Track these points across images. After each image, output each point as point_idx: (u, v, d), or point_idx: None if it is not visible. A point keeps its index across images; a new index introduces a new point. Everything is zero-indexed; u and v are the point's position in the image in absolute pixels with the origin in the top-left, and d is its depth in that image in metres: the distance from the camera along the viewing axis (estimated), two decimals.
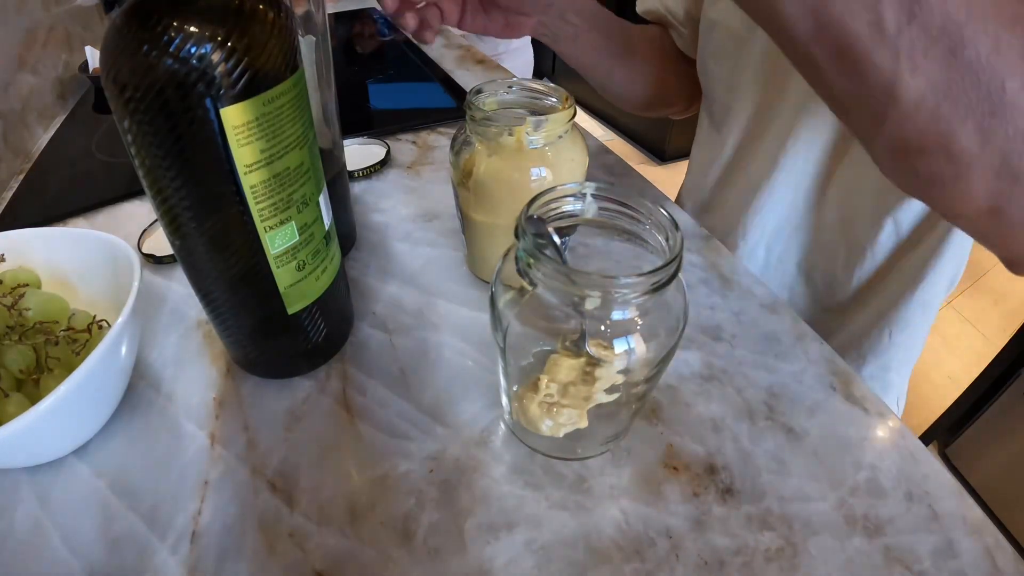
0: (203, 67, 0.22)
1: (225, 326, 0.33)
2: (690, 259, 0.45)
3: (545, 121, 0.34)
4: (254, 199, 0.27)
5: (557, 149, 0.35)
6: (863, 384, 0.36)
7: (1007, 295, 1.81)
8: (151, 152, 0.25)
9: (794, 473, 0.31)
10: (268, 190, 0.27)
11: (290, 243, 0.30)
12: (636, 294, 0.24)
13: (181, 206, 0.27)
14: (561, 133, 0.35)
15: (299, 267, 0.31)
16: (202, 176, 0.26)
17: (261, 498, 0.30)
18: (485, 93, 0.37)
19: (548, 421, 0.29)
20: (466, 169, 0.36)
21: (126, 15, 0.22)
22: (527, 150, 0.35)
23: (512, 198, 0.35)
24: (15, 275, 0.35)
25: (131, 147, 0.25)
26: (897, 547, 0.28)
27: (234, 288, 0.31)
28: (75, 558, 0.28)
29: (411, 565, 0.27)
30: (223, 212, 0.27)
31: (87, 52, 0.75)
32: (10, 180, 0.57)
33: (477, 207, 0.38)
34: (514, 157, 0.35)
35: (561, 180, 0.35)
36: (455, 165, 0.37)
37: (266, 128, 0.25)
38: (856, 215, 0.48)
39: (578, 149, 0.37)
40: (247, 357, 0.35)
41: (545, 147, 0.35)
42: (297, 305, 0.32)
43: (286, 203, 0.28)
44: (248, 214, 0.27)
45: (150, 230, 0.48)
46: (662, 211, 0.26)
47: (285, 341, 0.34)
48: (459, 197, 0.39)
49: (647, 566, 0.27)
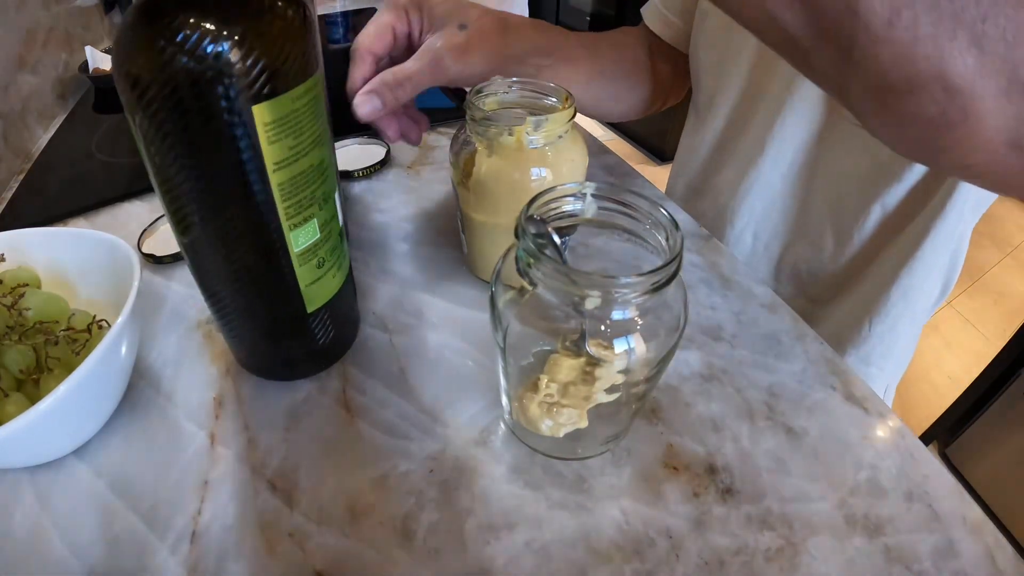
0: (237, 65, 0.22)
1: (235, 327, 0.33)
2: (690, 259, 0.45)
3: (545, 121, 0.33)
4: (280, 196, 0.27)
5: (557, 149, 0.35)
6: (863, 384, 0.36)
7: (1007, 295, 1.81)
8: (171, 150, 0.24)
9: (794, 473, 0.31)
10: (293, 187, 0.27)
11: (312, 240, 0.30)
12: (636, 294, 0.24)
13: (199, 204, 0.26)
14: (561, 133, 0.35)
15: (319, 264, 0.31)
16: (228, 174, 0.25)
17: (261, 498, 0.30)
18: (485, 93, 0.37)
19: (548, 421, 0.29)
20: (466, 169, 0.36)
21: (141, 13, 0.22)
22: (527, 150, 0.35)
23: (512, 198, 0.35)
24: (15, 275, 0.35)
25: (149, 146, 0.25)
26: (897, 547, 0.28)
27: (252, 287, 0.30)
28: (75, 558, 0.27)
29: (411, 565, 0.27)
30: (247, 210, 0.27)
31: (87, 52, 0.75)
32: (10, 180, 0.57)
33: (477, 207, 0.38)
34: (514, 157, 0.35)
35: (561, 180, 0.35)
36: (455, 165, 0.37)
37: (293, 125, 0.25)
38: (844, 200, 0.48)
39: (578, 149, 0.37)
40: (254, 359, 0.35)
41: (545, 147, 0.35)
42: (315, 304, 0.32)
43: (309, 200, 0.28)
44: (274, 212, 0.27)
45: (150, 230, 0.48)
46: (662, 211, 0.26)
47: (296, 342, 0.34)
48: (459, 197, 0.39)
49: (647, 566, 0.27)
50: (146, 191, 0.54)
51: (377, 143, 0.60)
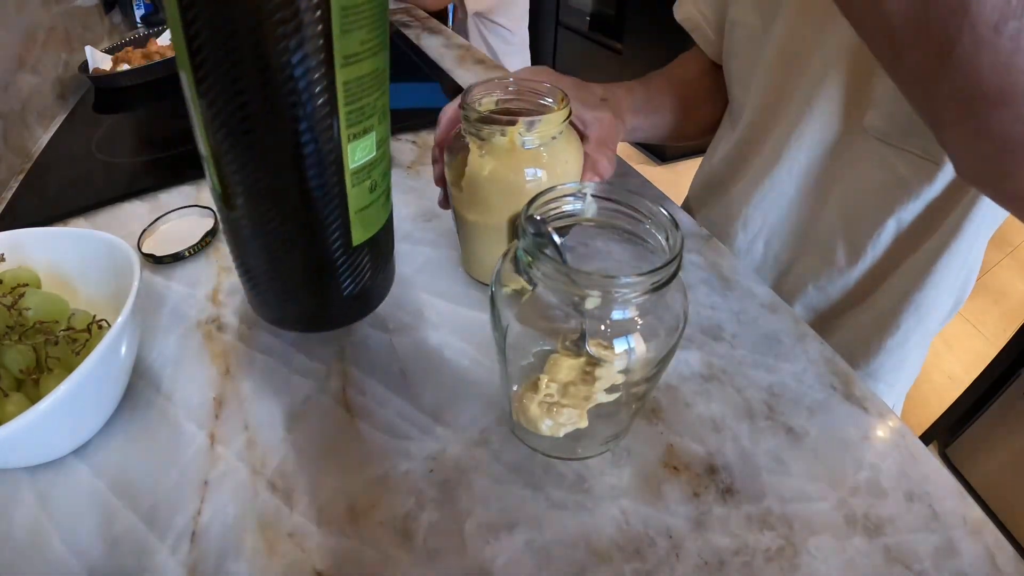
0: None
1: (275, 266, 0.31)
2: (690, 259, 0.45)
3: (538, 121, 0.33)
4: (344, 98, 0.24)
5: (552, 150, 0.35)
6: (863, 384, 0.36)
7: (1007, 295, 1.81)
8: (231, 39, 0.22)
9: (794, 473, 0.31)
10: (359, 89, 0.25)
11: (368, 158, 0.27)
12: (636, 294, 0.24)
13: (256, 104, 0.23)
14: (555, 134, 0.35)
15: (372, 188, 0.29)
16: (293, 66, 0.22)
17: (261, 498, 0.30)
18: (481, 94, 0.37)
19: (548, 421, 0.29)
20: (460, 169, 0.36)
21: None
22: (521, 150, 0.34)
23: (504, 199, 0.35)
24: (15, 275, 0.35)
25: (206, 41, 0.22)
26: (897, 547, 0.28)
27: (300, 211, 0.28)
28: (75, 558, 0.27)
29: (411, 565, 0.27)
30: (307, 113, 0.24)
31: (87, 52, 0.75)
32: (10, 180, 0.57)
33: (470, 207, 0.37)
34: (507, 157, 0.35)
35: (556, 181, 0.34)
36: (449, 165, 0.37)
37: (368, 16, 0.23)
38: (858, 215, 0.47)
39: (573, 150, 0.37)
40: (289, 308, 0.32)
41: (540, 147, 0.35)
42: (361, 235, 0.30)
43: (371, 110, 0.26)
44: (335, 117, 0.25)
45: (150, 230, 0.48)
46: (662, 211, 0.26)
47: (336, 284, 0.31)
48: (453, 197, 0.39)
49: (647, 566, 0.27)
50: (146, 191, 0.54)
51: None
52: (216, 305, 0.41)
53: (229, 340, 0.39)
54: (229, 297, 0.42)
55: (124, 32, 0.94)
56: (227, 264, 0.45)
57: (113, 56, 0.78)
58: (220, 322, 0.40)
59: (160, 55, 0.77)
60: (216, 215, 0.48)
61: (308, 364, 0.37)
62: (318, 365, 0.37)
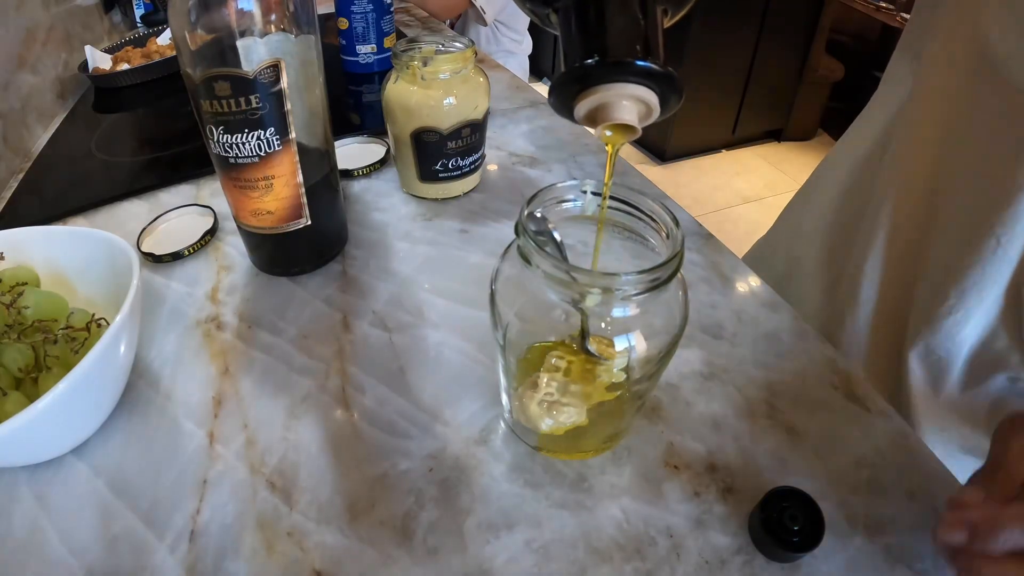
0: None
1: None
2: (691, 257, 0.45)
3: (431, 60, 0.45)
4: None
5: (446, 84, 0.46)
6: (864, 383, 0.36)
7: None
8: None
9: (795, 472, 0.31)
10: None
11: None
12: (637, 292, 0.24)
13: None
14: (458, 70, 0.45)
15: None
16: None
17: (260, 497, 0.30)
18: (422, 42, 0.47)
19: (548, 419, 0.29)
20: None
21: None
22: (426, 79, 0.45)
23: (405, 114, 0.46)
24: (14, 273, 0.35)
25: None
26: (898, 546, 0.28)
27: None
28: (73, 557, 0.27)
29: (411, 564, 0.27)
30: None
31: (87, 52, 0.75)
32: (10, 179, 0.57)
33: (388, 120, 0.49)
34: (413, 83, 0.46)
35: (455, 106, 0.46)
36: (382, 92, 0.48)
37: None
38: None
39: (473, 85, 0.47)
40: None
41: (443, 78, 0.45)
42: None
43: None
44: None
45: (149, 229, 0.48)
46: (663, 208, 0.26)
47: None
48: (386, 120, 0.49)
49: (647, 565, 0.27)
50: (145, 190, 0.54)
51: (377, 142, 0.60)
52: (215, 304, 0.41)
53: (228, 339, 0.38)
54: (228, 296, 0.42)
55: (124, 32, 0.94)
56: (226, 263, 0.45)
57: (113, 55, 0.78)
58: (219, 321, 0.40)
59: (160, 55, 0.77)
60: (215, 214, 0.48)
61: (307, 363, 0.37)
62: (317, 364, 0.37)
